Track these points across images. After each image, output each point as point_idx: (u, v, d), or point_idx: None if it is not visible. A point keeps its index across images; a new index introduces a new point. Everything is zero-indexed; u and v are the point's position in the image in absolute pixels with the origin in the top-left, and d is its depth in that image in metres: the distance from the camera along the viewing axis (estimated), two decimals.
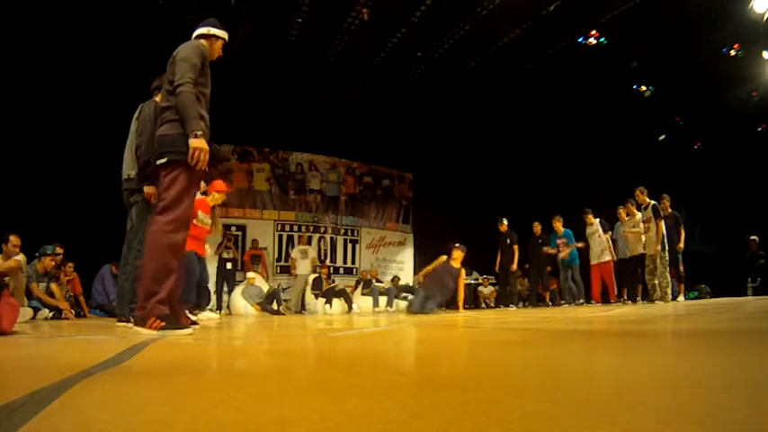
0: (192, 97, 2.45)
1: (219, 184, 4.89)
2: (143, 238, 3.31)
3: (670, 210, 7.22)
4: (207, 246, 5.15)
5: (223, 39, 2.84)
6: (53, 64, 7.32)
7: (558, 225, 8.04)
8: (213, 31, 2.78)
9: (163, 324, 2.35)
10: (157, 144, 2.54)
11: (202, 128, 2.44)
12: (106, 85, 7.60)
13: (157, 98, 3.46)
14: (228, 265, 8.58)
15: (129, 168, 3.53)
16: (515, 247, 8.31)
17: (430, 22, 8.04)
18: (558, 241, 7.98)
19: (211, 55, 2.77)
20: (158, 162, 2.50)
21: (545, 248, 8.15)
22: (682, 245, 7.08)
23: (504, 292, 9.06)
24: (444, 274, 6.65)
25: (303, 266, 9.42)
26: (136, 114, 3.60)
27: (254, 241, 10.18)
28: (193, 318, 3.71)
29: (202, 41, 2.74)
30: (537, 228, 8.47)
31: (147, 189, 3.28)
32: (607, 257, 7.53)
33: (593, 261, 7.65)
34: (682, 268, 7.21)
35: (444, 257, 6.79)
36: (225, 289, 8.56)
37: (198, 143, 2.40)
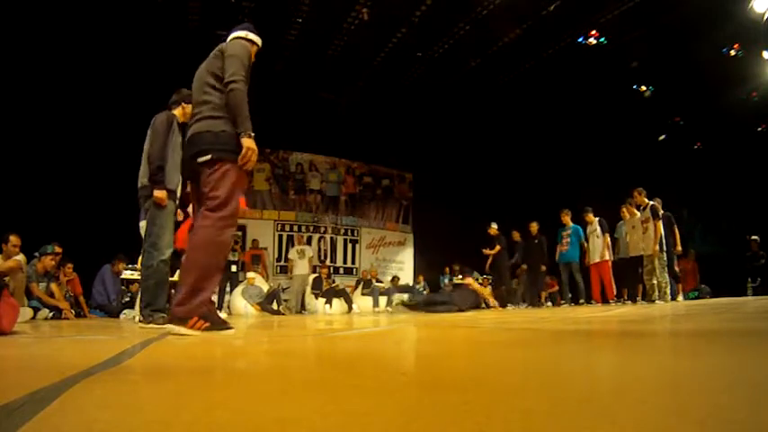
0: (244, 96, 2.39)
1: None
2: (154, 241, 3.33)
3: (662, 211, 7.23)
4: None
5: (258, 45, 2.74)
6: (51, 64, 7.31)
7: (567, 219, 8.05)
8: (251, 36, 2.69)
9: (207, 324, 2.27)
10: (197, 141, 2.43)
11: (251, 127, 2.38)
12: (105, 86, 7.61)
13: (176, 111, 3.53)
14: (233, 268, 8.59)
15: (142, 176, 3.61)
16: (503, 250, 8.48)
17: (430, 22, 8.05)
18: (564, 233, 7.99)
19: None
20: (200, 159, 2.39)
21: (558, 246, 8.16)
22: (679, 247, 7.15)
23: (499, 293, 9.07)
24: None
25: (301, 267, 9.40)
26: (150, 126, 3.66)
27: (255, 241, 10.18)
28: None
29: (247, 43, 2.64)
30: (534, 227, 8.48)
31: (158, 193, 3.32)
32: (605, 257, 7.52)
33: (591, 261, 7.65)
34: (677, 269, 7.23)
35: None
36: (227, 289, 8.57)
37: (251, 143, 2.34)
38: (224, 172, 2.36)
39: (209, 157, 2.37)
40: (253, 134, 2.36)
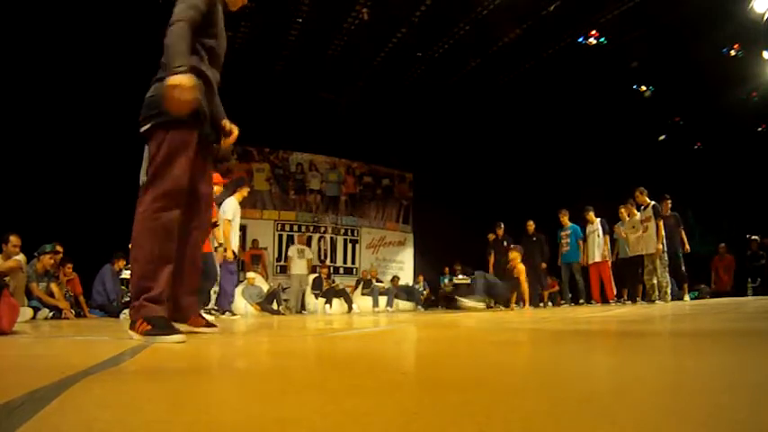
0: (182, 33, 1.92)
1: (216, 176, 4.85)
2: None
3: (670, 211, 7.25)
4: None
5: None
6: (52, 64, 7.31)
7: (565, 219, 8.05)
8: None
9: (148, 328, 1.86)
10: (143, 108, 2.03)
11: (187, 63, 1.88)
12: (104, 84, 7.60)
13: None
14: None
15: (143, 174, 3.58)
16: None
17: (430, 22, 8.06)
18: (563, 233, 7.99)
19: (235, 3, 2.31)
20: (142, 129, 2.01)
21: (559, 248, 8.12)
22: (688, 247, 7.18)
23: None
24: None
25: (299, 266, 9.39)
26: None
27: (255, 241, 10.19)
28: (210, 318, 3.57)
29: None
30: (531, 226, 8.46)
31: None
32: (605, 258, 7.53)
33: (590, 261, 7.67)
34: (684, 268, 7.25)
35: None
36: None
37: (176, 79, 1.81)
38: (161, 138, 1.97)
39: (149, 125, 1.99)
40: (181, 68, 1.83)
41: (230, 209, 5.47)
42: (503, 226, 8.60)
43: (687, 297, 7.17)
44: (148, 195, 1.99)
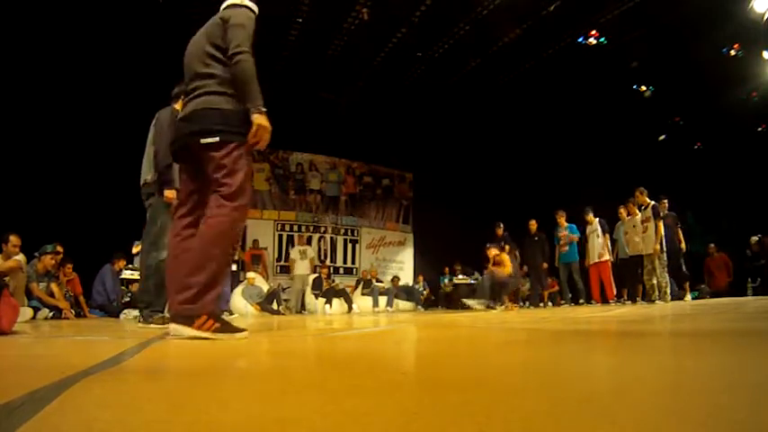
0: (253, 68, 2.12)
1: None
2: (155, 240, 3.29)
3: (667, 211, 7.27)
4: None
5: (256, 14, 2.41)
6: (52, 64, 7.31)
7: (562, 220, 8.05)
8: (252, 5, 2.35)
9: (218, 326, 1.99)
10: (201, 118, 2.12)
11: (263, 100, 2.14)
12: (105, 83, 7.60)
13: (177, 105, 3.39)
14: (233, 267, 8.60)
15: (145, 174, 3.59)
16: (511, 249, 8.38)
17: (430, 22, 8.05)
18: (560, 234, 8.00)
19: None
20: (205, 141, 2.08)
21: (558, 248, 8.12)
22: (684, 246, 7.27)
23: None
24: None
25: (302, 267, 9.42)
26: (153, 122, 3.62)
27: (255, 241, 10.18)
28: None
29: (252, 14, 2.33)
30: (533, 225, 8.44)
31: (168, 193, 3.26)
32: (605, 258, 7.54)
33: (591, 261, 7.67)
34: (684, 268, 7.28)
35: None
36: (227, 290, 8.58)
37: (263, 120, 2.10)
38: (237, 156, 2.10)
39: (216, 139, 2.08)
40: (264, 110, 2.12)
41: None
42: (502, 226, 8.60)
43: (688, 297, 7.18)
44: (232, 203, 2.09)
